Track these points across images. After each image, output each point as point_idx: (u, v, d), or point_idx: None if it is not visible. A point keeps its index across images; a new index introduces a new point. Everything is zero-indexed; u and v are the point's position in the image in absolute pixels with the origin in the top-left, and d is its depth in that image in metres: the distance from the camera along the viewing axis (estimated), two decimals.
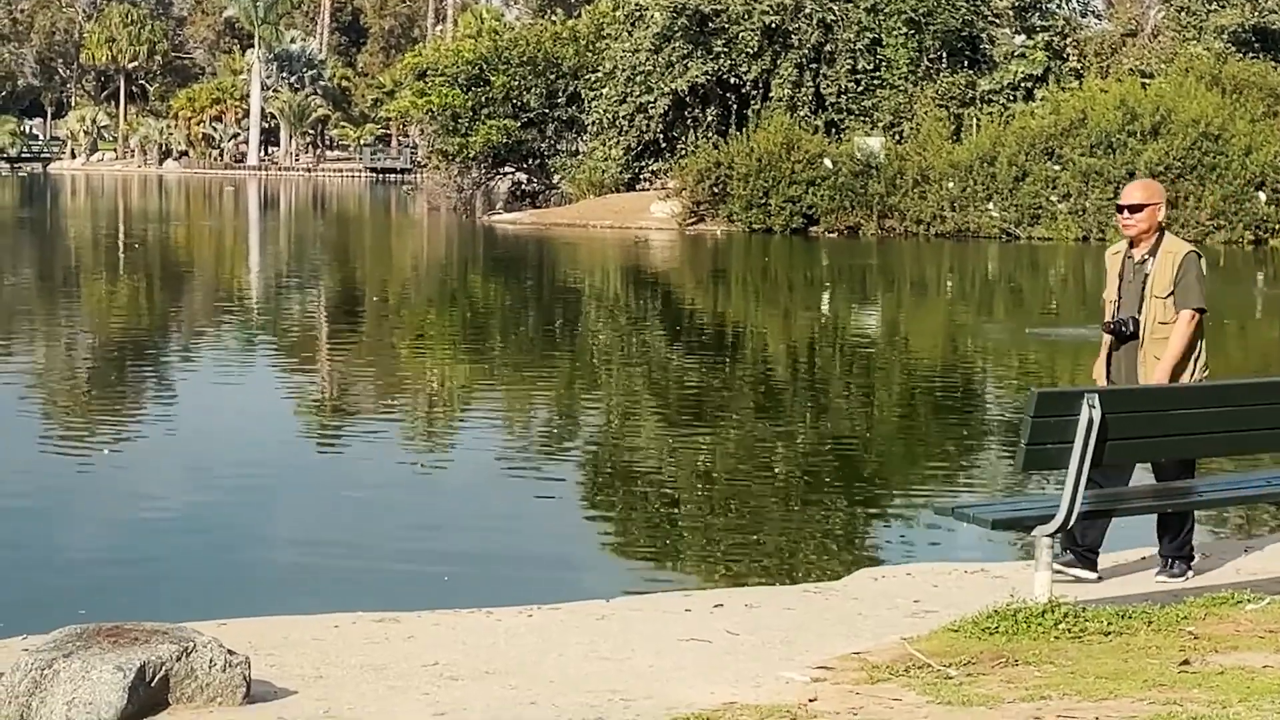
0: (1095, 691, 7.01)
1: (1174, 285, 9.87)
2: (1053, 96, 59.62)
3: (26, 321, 29.25)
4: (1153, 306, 9.91)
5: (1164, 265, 9.93)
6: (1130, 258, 10.12)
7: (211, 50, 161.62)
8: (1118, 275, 10.15)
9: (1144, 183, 10.40)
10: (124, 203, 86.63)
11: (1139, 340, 9.96)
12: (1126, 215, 10.09)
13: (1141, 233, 10.05)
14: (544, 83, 69.83)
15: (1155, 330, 9.92)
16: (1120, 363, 10.07)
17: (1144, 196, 10.08)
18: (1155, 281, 9.92)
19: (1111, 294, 10.17)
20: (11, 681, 6.88)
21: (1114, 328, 10.03)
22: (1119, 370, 10.07)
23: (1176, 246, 10.05)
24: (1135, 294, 10.00)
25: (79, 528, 13.31)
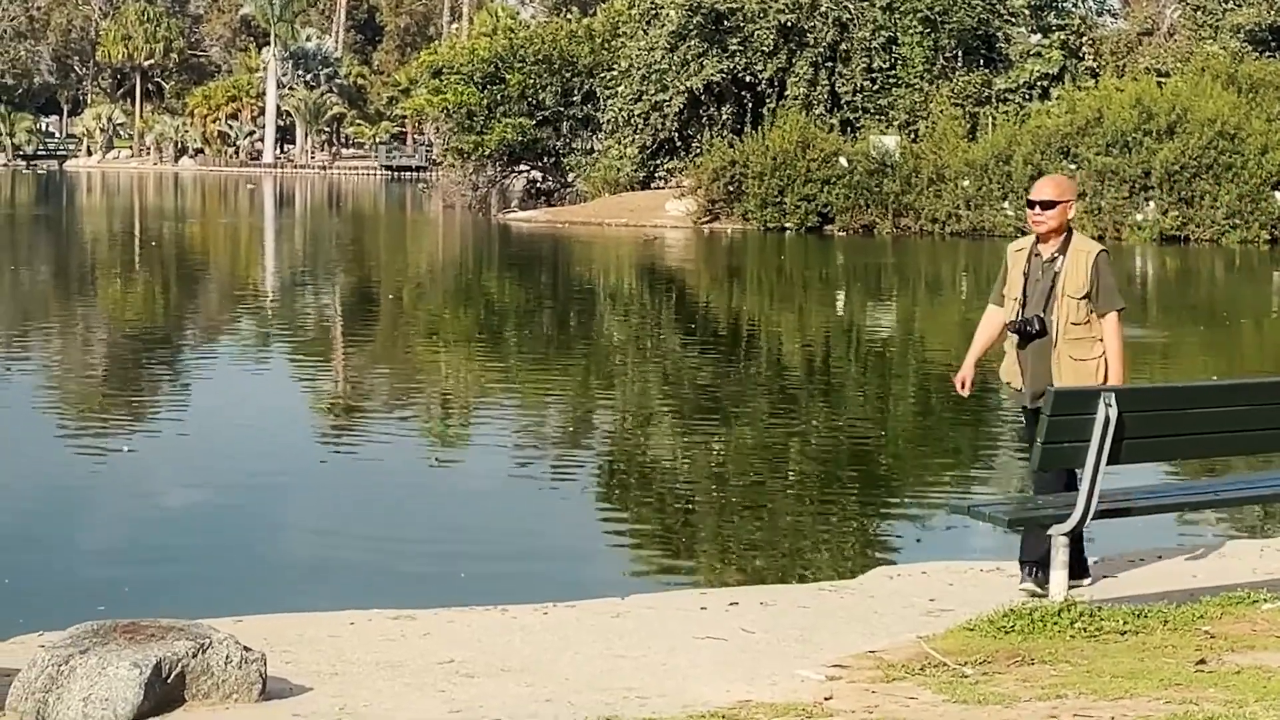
0: (1111, 691, 7.00)
1: (1090, 286, 9.58)
2: (1068, 95, 59.51)
3: (47, 319, 29.29)
4: (1065, 306, 9.63)
5: (1076, 265, 9.64)
6: (1037, 255, 9.81)
7: (227, 48, 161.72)
8: (1023, 273, 9.83)
9: (1055, 179, 10.15)
10: (140, 200, 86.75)
11: (1051, 340, 9.64)
12: (1037, 211, 9.76)
13: (1051, 230, 9.74)
14: (559, 81, 69.82)
15: (1068, 330, 9.62)
16: (1029, 363, 9.75)
17: (1056, 193, 9.77)
18: (1067, 281, 9.63)
19: (1015, 291, 9.84)
20: (28, 678, 6.90)
21: (1020, 327, 9.72)
22: (1029, 370, 9.77)
23: (1087, 245, 9.78)
24: (1043, 293, 9.69)
25: (97, 524, 13.34)
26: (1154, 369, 23.35)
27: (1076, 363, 9.57)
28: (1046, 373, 9.61)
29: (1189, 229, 53.30)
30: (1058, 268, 9.66)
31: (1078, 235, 9.84)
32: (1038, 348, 9.68)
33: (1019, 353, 9.80)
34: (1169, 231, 53.10)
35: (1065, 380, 9.46)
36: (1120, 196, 53.82)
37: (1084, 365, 9.57)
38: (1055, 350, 9.61)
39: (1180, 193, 53.35)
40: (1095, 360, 9.58)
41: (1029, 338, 9.69)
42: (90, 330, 27.74)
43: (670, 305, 34.51)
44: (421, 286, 38.41)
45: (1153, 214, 53.51)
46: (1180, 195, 53.38)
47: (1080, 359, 9.59)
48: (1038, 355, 9.69)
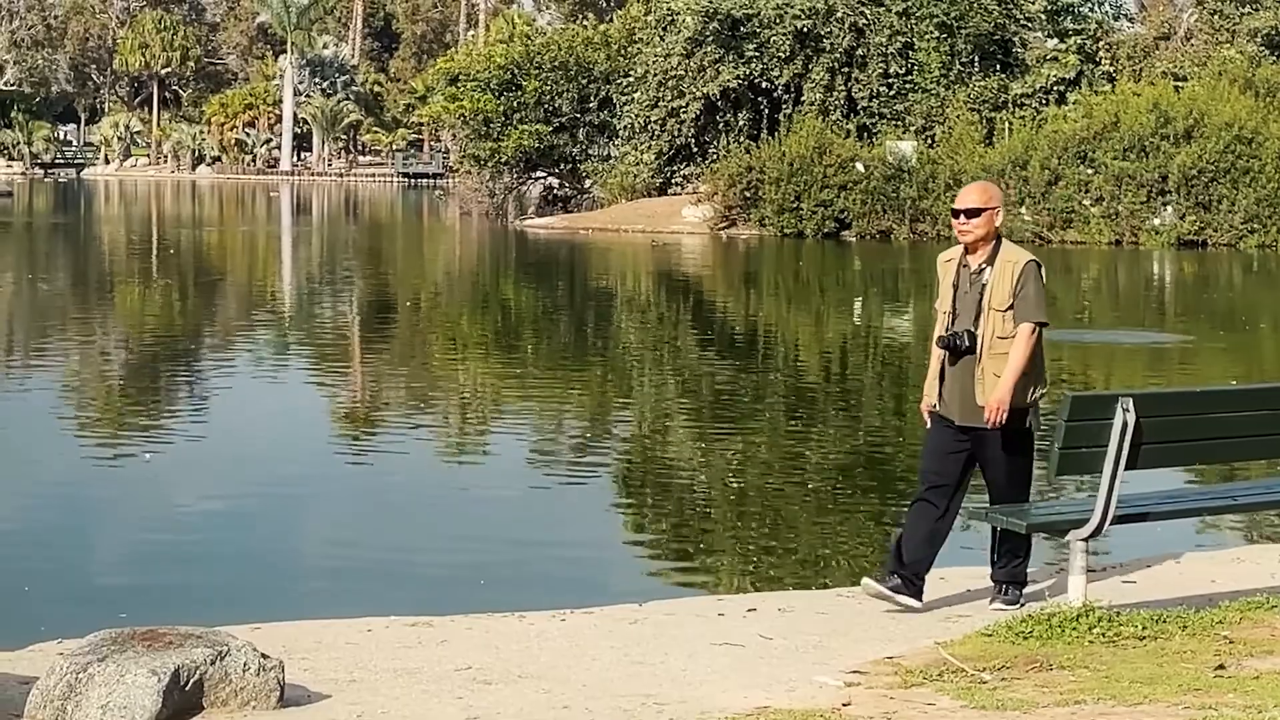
0: (1130, 696, 6.99)
1: (1013, 297, 9.12)
2: (1085, 100, 59.49)
3: (67, 327, 29.34)
4: (991, 319, 9.15)
5: (1003, 275, 9.17)
6: (966, 266, 9.33)
7: (244, 56, 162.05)
8: (952, 285, 9.34)
9: (981, 185, 9.64)
10: (158, 208, 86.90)
11: (976, 356, 9.18)
12: (962, 220, 9.28)
13: (978, 239, 9.25)
14: (576, 87, 69.83)
15: (994, 345, 9.14)
16: (955, 379, 9.27)
17: (981, 200, 9.29)
18: (994, 292, 9.16)
19: (945, 304, 9.36)
20: (47, 685, 6.91)
21: (948, 341, 9.25)
22: (953, 387, 9.27)
23: (1016, 255, 9.28)
24: (972, 305, 9.22)
25: (115, 531, 13.36)
26: (1172, 374, 23.32)
27: (999, 379, 9.09)
28: (970, 390, 9.17)
29: (1206, 233, 53.25)
30: (985, 279, 9.21)
31: (1007, 244, 9.38)
32: (966, 363, 9.22)
33: (944, 368, 9.33)
34: (1186, 236, 53.05)
35: (989, 398, 9.09)
36: (1137, 201, 53.80)
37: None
38: (980, 366, 9.14)
39: (1198, 197, 53.30)
40: (1023, 378, 9.10)
41: (958, 353, 9.24)
42: (110, 338, 27.78)
43: (687, 311, 34.52)
44: (439, 293, 38.45)
45: (1170, 218, 53.46)
46: (1198, 200, 53.33)
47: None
48: (964, 371, 9.23)
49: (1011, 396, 9.03)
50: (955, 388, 9.25)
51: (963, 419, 9.21)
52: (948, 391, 9.29)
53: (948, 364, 9.28)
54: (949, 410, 9.29)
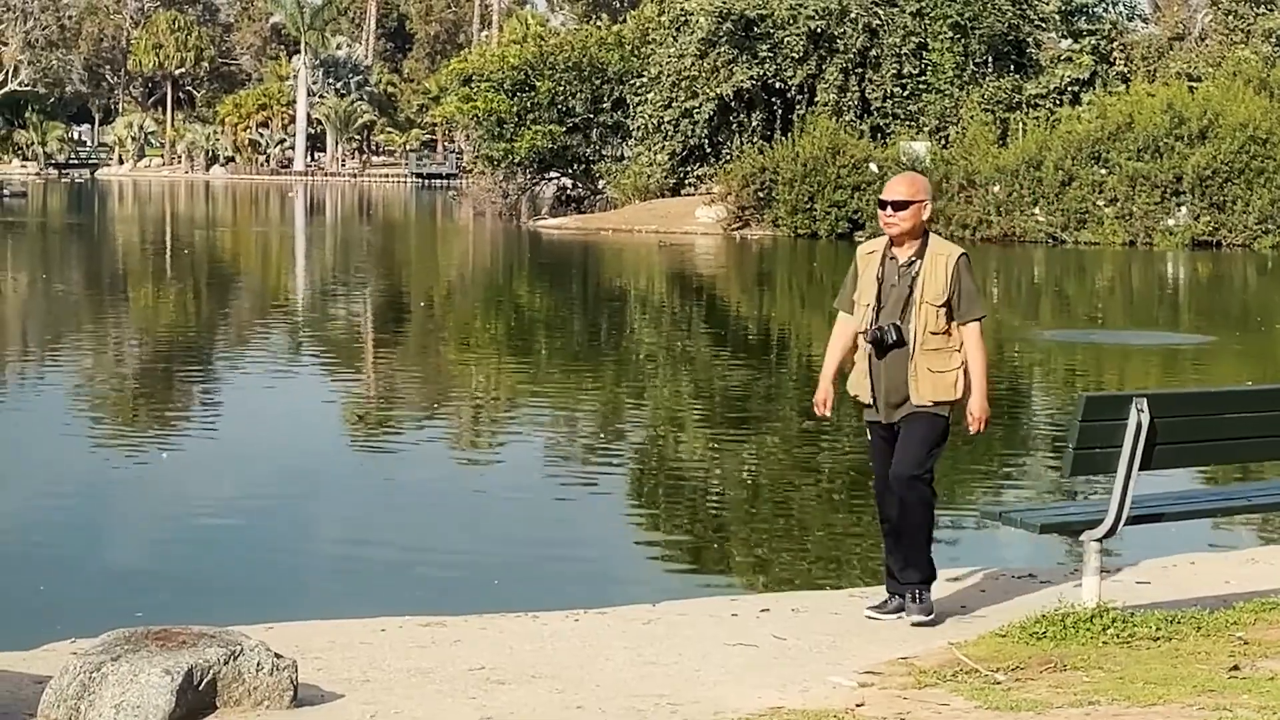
0: (1144, 697, 6.98)
1: (949, 293, 8.94)
2: (1099, 100, 59.44)
3: (83, 327, 29.38)
4: (924, 314, 8.95)
5: (935, 269, 8.98)
6: (893, 259, 9.10)
7: (258, 56, 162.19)
8: (876, 278, 9.10)
9: (909, 177, 9.40)
10: (172, 208, 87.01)
11: (908, 351, 8.95)
12: (889, 212, 9.05)
13: (905, 232, 9.04)
14: (589, 88, 69.84)
15: (927, 340, 8.94)
16: (884, 374, 9.02)
17: (909, 192, 9.06)
18: (926, 287, 8.96)
19: (868, 298, 9.10)
20: (60, 684, 6.92)
21: (876, 335, 8.98)
22: (882, 383, 9.03)
23: (946, 249, 9.11)
24: (900, 299, 8.99)
25: (129, 531, 13.38)
26: (1187, 374, 23.29)
27: (934, 375, 8.94)
28: (903, 385, 8.96)
29: (1221, 234, 53.19)
30: (915, 272, 9.00)
31: (935, 238, 9.20)
32: (896, 358, 8.98)
33: (871, 364, 9.09)
34: (1201, 237, 52.99)
35: (923, 393, 8.92)
36: (1152, 202, 53.73)
37: (942, 377, 8.94)
38: (912, 361, 8.94)
39: (1212, 198, 53.24)
40: (954, 371, 8.95)
41: (885, 347, 9.00)
42: (125, 338, 27.82)
43: (701, 312, 34.51)
44: (453, 294, 38.47)
45: (1184, 219, 53.41)
46: (1212, 200, 53.28)
47: (939, 370, 8.95)
48: (893, 366, 9.01)
49: (938, 387, 8.90)
50: (883, 383, 9.03)
51: (889, 416, 9.03)
52: (878, 388, 9.06)
53: (874, 359, 9.05)
54: (875, 410, 9.11)
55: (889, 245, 9.12)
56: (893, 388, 8.98)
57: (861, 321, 9.10)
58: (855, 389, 9.21)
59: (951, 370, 8.94)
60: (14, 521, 13.39)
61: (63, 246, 54.19)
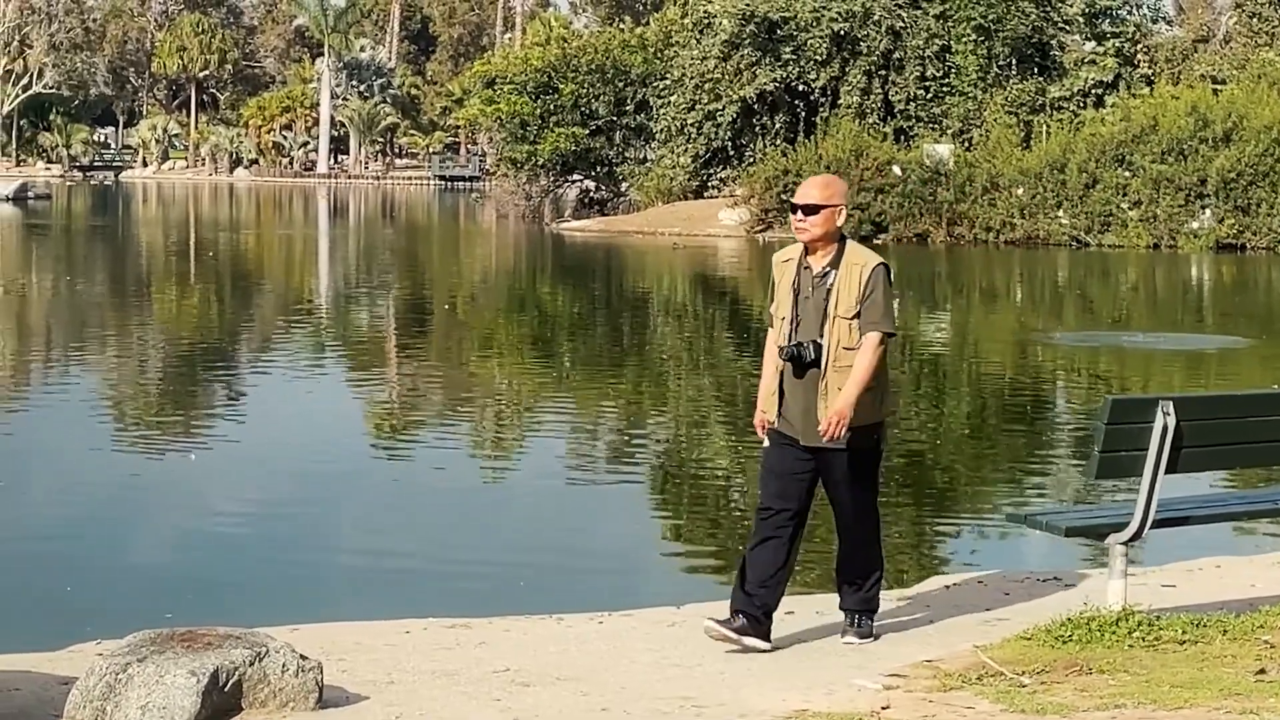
0: (1170, 700, 6.97)
1: (859, 303, 8.31)
2: (1123, 103, 59.30)
3: (108, 329, 29.44)
4: (836, 328, 8.31)
5: (849, 280, 8.33)
6: (807, 268, 8.44)
7: (281, 59, 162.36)
8: (792, 289, 8.44)
9: (824, 179, 8.72)
10: (196, 211, 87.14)
11: (820, 369, 8.33)
12: (800, 216, 8.42)
13: (817, 238, 8.40)
14: (612, 90, 69.85)
15: (839, 357, 8.30)
16: (796, 394, 8.38)
17: (822, 195, 8.42)
18: (839, 298, 8.32)
19: (784, 310, 8.45)
20: (86, 685, 6.93)
21: (792, 352, 8.33)
22: (795, 403, 8.39)
23: (863, 257, 8.42)
24: (817, 313, 8.35)
25: (155, 533, 13.41)
26: (1211, 377, 23.24)
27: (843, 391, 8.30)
28: (814, 405, 8.32)
29: (1245, 237, 53.03)
30: (829, 283, 8.36)
31: (853, 245, 8.51)
32: (811, 377, 8.34)
33: (784, 381, 8.43)
34: (1225, 239, 52.84)
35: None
36: (1176, 204, 53.58)
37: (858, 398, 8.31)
38: (824, 381, 8.29)
39: (1236, 200, 53.09)
40: (871, 392, 8.31)
41: (803, 365, 8.34)
42: (150, 340, 27.87)
43: (723, 315, 34.49)
44: (476, 296, 38.49)
45: (1209, 222, 53.26)
46: (1236, 203, 53.13)
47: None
48: (809, 385, 8.34)
49: (856, 411, 8.24)
50: (800, 403, 8.38)
51: (808, 438, 8.37)
52: (790, 407, 8.41)
53: (792, 377, 8.39)
54: (791, 428, 8.43)
55: (804, 254, 8.50)
56: (808, 409, 8.33)
57: (779, 336, 8.47)
58: (765, 405, 8.53)
59: (867, 390, 8.30)
60: (41, 522, 13.43)
61: (87, 249, 54.27)
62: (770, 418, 8.45)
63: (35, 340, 28.22)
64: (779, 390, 8.42)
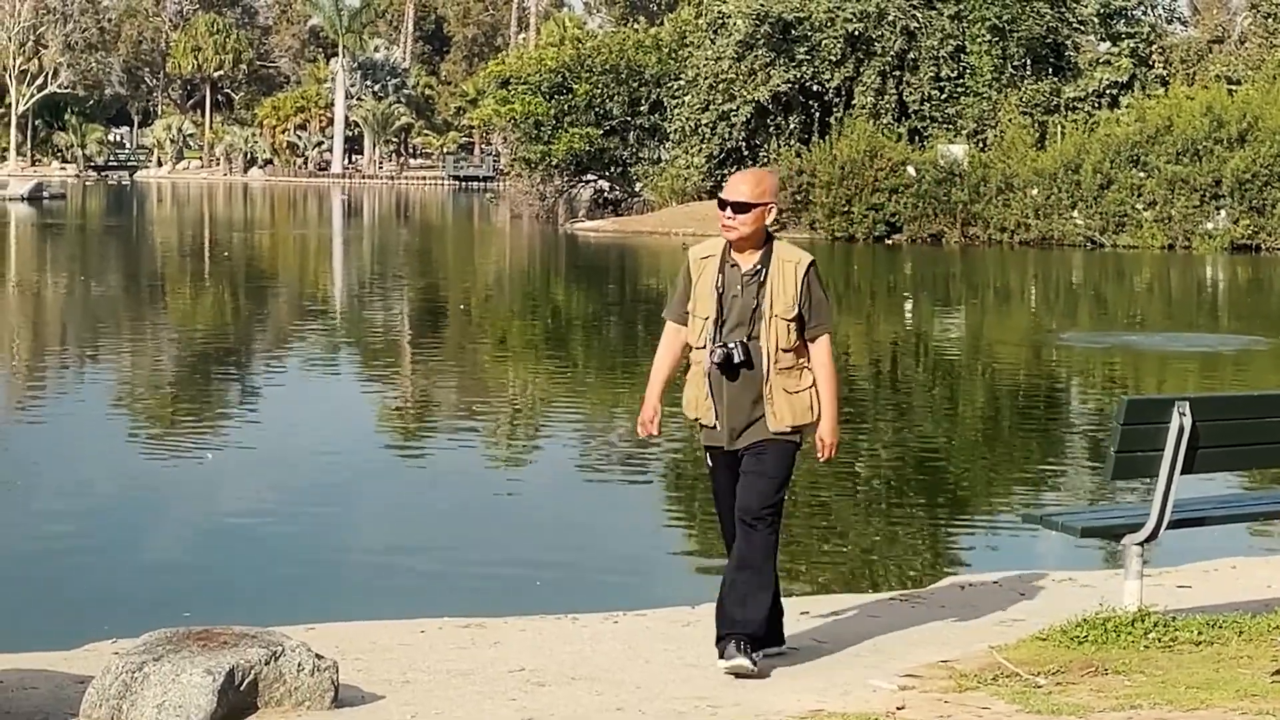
0: (1186, 701, 6.96)
1: (800, 304, 7.98)
2: (1138, 103, 59.26)
3: (124, 328, 29.47)
4: (775, 329, 7.96)
5: (784, 279, 7.98)
6: (734, 266, 8.07)
7: (296, 59, 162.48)
8: (714, 288, 8.06)
9: (755, 175, 8.29)
10: (211, 210, 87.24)
11: (761, 371, 7.97)
12: (729, 214, 8.02)
13: (746, 237, 8.03)
14: (626, 91, 69.87)
15: (780, 359, 7.98)
16: (732, 399, 8.00)
17: (754, 192, 8.02)
18: (776, 299, 7.97)
19: (707, 310, 8.08)
20: (102, 684, 6.94)
21: (725, 355, 7.93)
22: (733, 411, 8.01)
23: (795, 255, 8.07)
24: (747, 313, 7.99)
25: (173, 531, 13.42)
26: (1228, 377, 23.21)
27: (790, 396, 8.01)
28: (752, 409, 7.98)
29: (1260, 238, 53.00)
30: (762, 281, 8.00)
31: (781, 244, 8.16)
32: (748, 380, 7.98)
33: (713, 385, 8.06)
34: (1240, 240, 52.80)
35: (780, 418, 7.98)
36: (1191, 205, 53.55)
37: (798, 398, 8.04)
38: (768, 384, 7.96)
39: (1251, 201, 53.06)
40: (808, 391, 8.04)
41: (734, 368, 7.97)
42: (167, 339, 27.90)
43: None
44: (490, 297, 38.51)
45: (1224, 223, 53.22)
46: (1251, 204, 53.10)
47: (794, 391, 8.02)
48: (743, 388, 8.00)
49: (797, 409, 8.04)
50: (730, 407, 8.02)
51: (733, 442, 8.06)
52: (720, 413, 8.05)
53: (720, 380, 8.02)
54: (720, 437, 8.10)
55: (728, 250, 8.10)
56: (740, 412, 8.01)
57: (699, 337, 8.10)
58: (696, 411, 8.18)
59: (805, 390, 8.05)
60: (58, 521, 13.44)
61: (102, 248, 54.35)
62: (707, 423, 8.11)
63: (53, 339, 28.27)
64: (709, 395, 8.07)
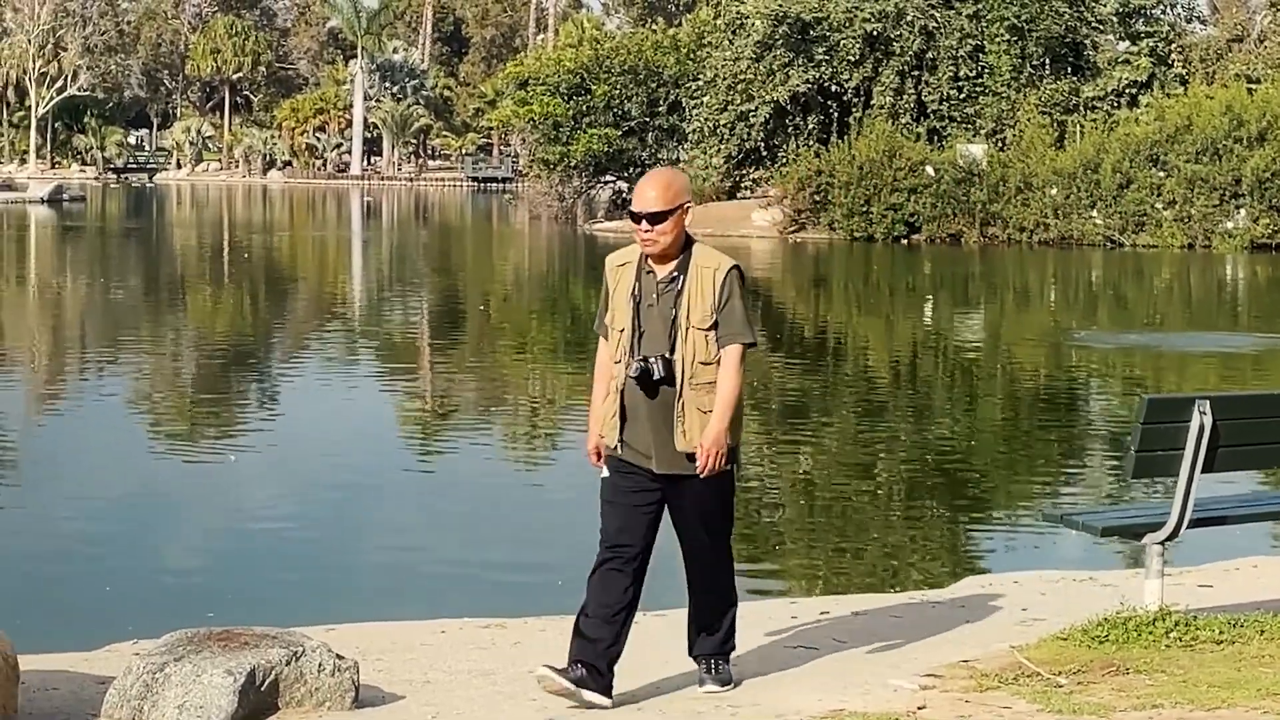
0: (1208, 701, 6.95)
1: (715, 313, 7.35)
2: (1157, 103, 59.17)
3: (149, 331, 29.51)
4: (691, 341, 7.31)
5: (702, 286, 7.36)
6: (649, 273, 7.44)
7: (315, 61, 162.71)
8: (631, 297, 7.42)
9: (663, 179, 7.58)
10: (230, 213, 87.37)
11: (675, 388, 7.31)
12: (645, 227, 7.38)
13: (669, 247, 7.43)
14: (645, 91, 69.90)
15: (697, 373, 7.31)
16: (650, 417, 7.36)
17: (666, 199, 7.42)
18: (693, 307, 7.34)
19: (623, 321, 7.43)
20: (124, 685, 6.96)
21: (641, 371, 7.30)
22: (642, 427, 7.39)
23: (714, 260, 7.48)
24: (664, 323, 7.34)
25: (195, 532, 13.44)
26: (1248, 377, 23.17)
27: (704, 415, 7.31)
28: (664, 428, 7.35)
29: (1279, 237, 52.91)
30: (679, 289, 7.38)
31: (701, 247, 7.54)
32: (666, 397, 7.33)
33: (626, 401, 7.42)
34: (1260, 239, 52.72)
35: (691, 438, 7.29)
36: (1210, 204, 53.46)
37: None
38: (679, 400, 7.29)
39: (1271, 200, 52.97)
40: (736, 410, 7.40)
41: (653, 383, 7.32)
42: (188, 341, 27.95)
43: (756, 314, 34.46)
44: (509, 297, 38.52)
45: (1243, 222, 53.13)
46: (1271, 203, 53.00)
47: (708, 410, 7.33)
48: (659, 406, 7.34)
49: (727, 432, 7.33)
50: (649, 427, 7.37)
51: (661, 465, 7.39)
52: (636, 432, 7.40)
53: (640, 397, 7.36)
54: (637, 456, 7.43)
55: (645, 256, 7.51)
56: (658, 433, 7.36)
57: (616, 350, 7.45)
58: (602, 429, 7.53)
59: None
60: (80, 523, 13.47)
61: (122, 250, 54.43)
62: (610, 443, 7.46)
63: (75, 341, 28.33)
64: (620, 412, 7.42)
